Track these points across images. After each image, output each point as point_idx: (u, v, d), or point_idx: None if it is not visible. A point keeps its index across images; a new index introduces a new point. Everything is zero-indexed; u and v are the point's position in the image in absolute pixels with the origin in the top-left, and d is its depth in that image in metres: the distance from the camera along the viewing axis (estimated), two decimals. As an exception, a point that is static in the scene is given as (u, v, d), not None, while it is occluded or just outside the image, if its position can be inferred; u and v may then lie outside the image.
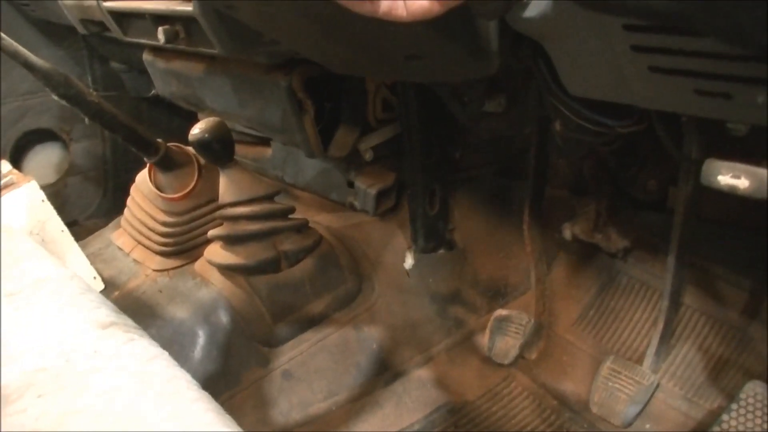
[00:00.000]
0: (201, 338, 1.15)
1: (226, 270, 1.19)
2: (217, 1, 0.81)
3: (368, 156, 1.25)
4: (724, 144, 0.73)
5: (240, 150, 1.41)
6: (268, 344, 1.20)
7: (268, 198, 1.16)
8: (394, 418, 1.19)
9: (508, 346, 1.18)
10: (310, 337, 1.22)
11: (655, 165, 1.17)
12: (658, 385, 1.03)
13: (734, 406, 0.99)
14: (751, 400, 1.00)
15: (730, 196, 0.69)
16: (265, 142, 1.47)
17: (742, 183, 0.61)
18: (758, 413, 0.98)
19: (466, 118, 1.01)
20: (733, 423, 0.98)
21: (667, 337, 1.06)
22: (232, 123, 1.27)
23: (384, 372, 1.24)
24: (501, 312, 1.22)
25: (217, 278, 1.21)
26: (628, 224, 1.24)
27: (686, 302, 1.15)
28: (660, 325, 1.06)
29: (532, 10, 0.60)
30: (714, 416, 1.03)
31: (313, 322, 1.23)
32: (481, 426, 1.20)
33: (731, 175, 0.61)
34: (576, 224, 1.28)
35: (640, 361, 1.10)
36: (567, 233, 1.29)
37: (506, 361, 1.19)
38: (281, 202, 1.21)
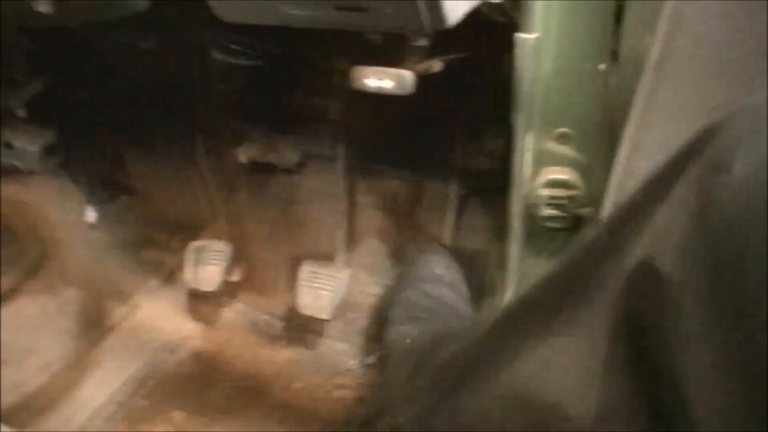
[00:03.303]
0: None
1: None
2: None
3: (21, 113, 1.16)
4: (366, 53, 0.84)
5: None
6: (-41, 334, 1.10)
7: None
8: (118, 372, 1.18)
9: (211, 273, 1.22)
10: (5, 316, 1.15)
11: (308, 81, 1.27)
12: (350, 274, 1.15)
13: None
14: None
15: (374, 102, 0.80)
16: None
17: (387, 83, 0.71)
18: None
19: (123, 60, 1.00)
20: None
21: (351, 234, 1.19)
22: None
23: (94, 330, 1.22)
24: (197, 243, 1.25)
25: None
26: (298, 139, 1.33)
27: (360, 200, 1.29)
28: (344, 225, 1.18)
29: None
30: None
31: (4, 299, 1.15)
32: (204, 354, 1.25)
33: (377, 77, 0.71)
34: (249, 148, 1.33)
35: (332, 259, 1.21)
36: (242, 157, 1.34)
37: (213, 288, 1.23)
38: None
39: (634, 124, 0.81)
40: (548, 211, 0.96)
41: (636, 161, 0.82)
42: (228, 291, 1.32)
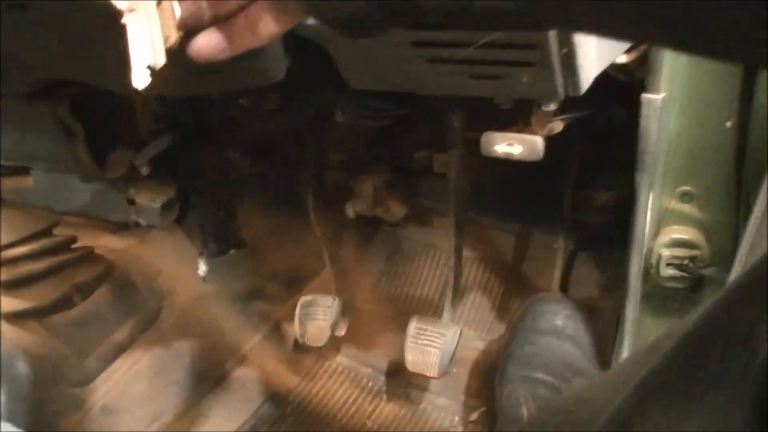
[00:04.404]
0: (2, 398, 1.06)
1: (14, 318, 1.10)
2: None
3: (145, 170, 1.21)
4: (484, 114, 0.84)
5: (-4, 185, 1.30)
6: (80, 384, 1.14)
7: (47, 232, 1.10)
8: (224, 424, 1.20)
9: (320, 329, 1.23)
10: (121, 366, 1.18)
11: (418, 137, 1.28)
12: (461, 333, 1.14)
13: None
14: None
15: (485, 159, 0.80)
16: (23, 171, 1.36)
17: (516, 149, 0.71)
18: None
19: (247, 119, 1.04)
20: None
21: (458, 289, 1.18)
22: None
23: (204, 382, 1.24)
24: (306, 298, 1.26)
25: (6, 329, 1.11)
26: (404, 193, 1.34)
27: (466, 254, 1.28)
28: (450, 279, 1.17)
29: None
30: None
31: (122, 350, 1.19)
32: (307, 408, 1.26)
33: (507, 143, 0.71)
34: (357, 202, 1.35)
35: (438, 313, 1.21)
36: (350, 211, 1.36)
37: (321, 344, 1.24)
38: (59, 233, 1.15)
39: (769, 184, 0.78)
40: (669, 271, 0.93)
41: (770, 222, 0.79)
42: (333, 344, 1.33)
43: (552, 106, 0.71)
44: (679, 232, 0.92)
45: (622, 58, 0.76)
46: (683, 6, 0.29)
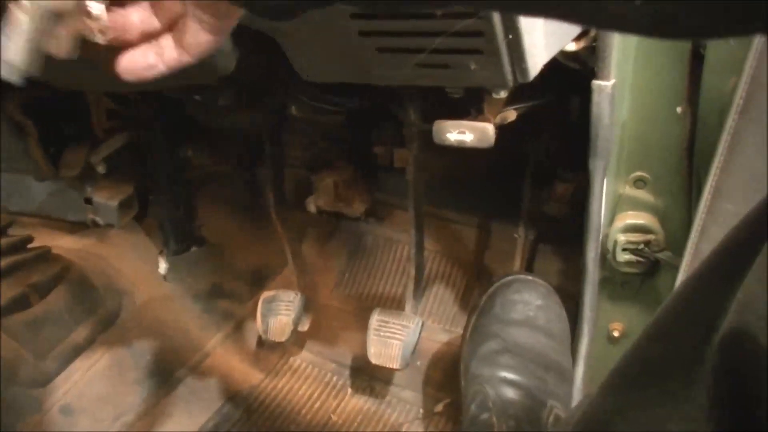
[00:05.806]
0: (-44, 403, 1.04)
1: (-31, 320, 1.08)
2: None
3: (101, 169, 1.20)
4: (440, 107, 0.84)
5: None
6: (38, 384, 1.12)
7: (1, 232, 1.08)
8: (188, 423, 1.19)
9: (282, 324, 1.23)
10: (81, 366, 1.17)
11: (378, 132, 1.28)
12: (422, 324, 1.14)
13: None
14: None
15: (445, 154, 0.80)
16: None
17: (468, 137, 0.72)
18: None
19: (204, 116, 1.03)
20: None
21: (420, 281, 1.19)
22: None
23: (166, 381, 1.23)
24: (268, 293, 1.26)
25: (-40, 332, 1.10)
26: (365, 188, 1.34)
27: (428, 247, 1.29)
28: (412, 272, 1.17)
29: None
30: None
31: (81, 350, 1.17)
32: (271, 405, 1.25)
33: (458, 131, 0.72)
34: (318, 198, 1.35)
35: (401, 307, 1.21)
36: (311, 207, 1.36)
37: (284, 339, 1.24)
38: (15, 233, 1.13)
39: (717, 167, 0.79)
40: (625, 256, 0.95)
41: (719, 204, 0.81)
42: (296, 341, 1.32)
43: (502, 94, 0.72)
44: (633, 218, 0.94)
45: (572, 46, 0.77)
46: None
